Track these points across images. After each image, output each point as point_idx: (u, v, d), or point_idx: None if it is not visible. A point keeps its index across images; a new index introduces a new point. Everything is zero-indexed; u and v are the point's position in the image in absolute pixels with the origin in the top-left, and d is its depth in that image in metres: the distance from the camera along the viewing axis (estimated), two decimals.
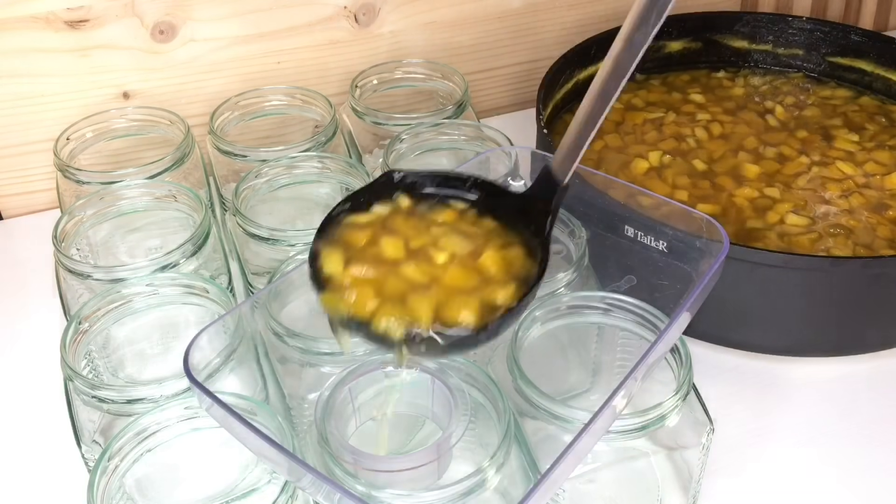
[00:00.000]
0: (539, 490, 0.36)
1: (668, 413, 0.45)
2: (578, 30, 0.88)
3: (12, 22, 0.70)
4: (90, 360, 0.52)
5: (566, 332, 0.53)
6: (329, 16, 0.79)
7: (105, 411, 0.47)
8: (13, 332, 0.66)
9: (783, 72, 0.84)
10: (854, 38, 0.81)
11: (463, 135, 0.66)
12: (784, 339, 0.61)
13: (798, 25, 0.82)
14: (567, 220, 0.55)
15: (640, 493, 0.51)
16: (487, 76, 0.88)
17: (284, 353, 0.49)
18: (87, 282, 0.54)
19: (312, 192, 0.65)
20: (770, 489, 0.54)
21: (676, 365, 0.47)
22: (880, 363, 0.62)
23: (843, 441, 0.57)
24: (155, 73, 0.76)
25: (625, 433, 0.44)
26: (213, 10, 0.75)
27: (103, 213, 0.60)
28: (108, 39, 0.73)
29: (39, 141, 0.75)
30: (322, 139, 0.65)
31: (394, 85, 0.75)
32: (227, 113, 0.69)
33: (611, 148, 0.74)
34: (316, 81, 0.80)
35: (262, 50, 0.78)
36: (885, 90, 0.80)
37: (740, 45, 0.83)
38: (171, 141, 0.68)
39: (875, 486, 0.54)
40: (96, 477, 0.42)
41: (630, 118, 0.77)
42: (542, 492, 0.37)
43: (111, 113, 0.69)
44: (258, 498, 0.44)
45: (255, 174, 0.61)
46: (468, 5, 0.83)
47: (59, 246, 0.56)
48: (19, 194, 0.78)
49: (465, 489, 0.40)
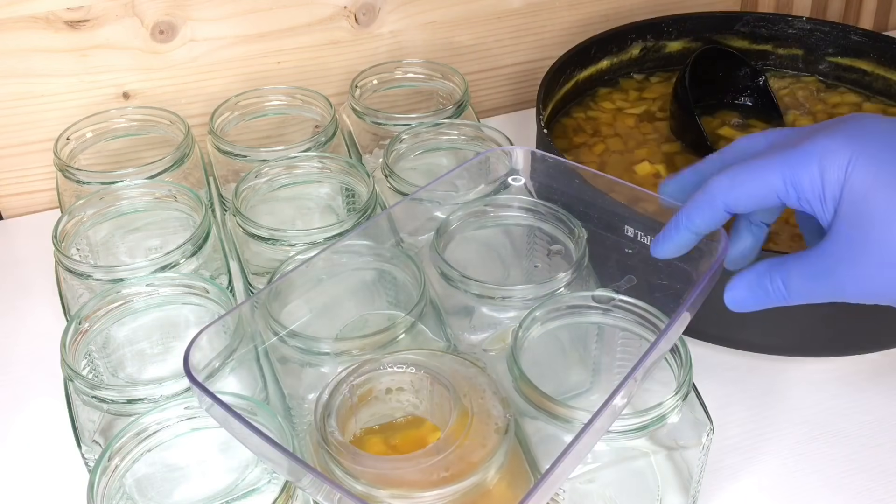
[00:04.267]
0: (539, 490, 0.36)
1: (669, 413, 0.45)
2: (578, 30, 0.88)
3: (12, 22, 0.70)
4: (90, 360, 0.52)
5: (566, 331, 0.53)
6: (329, 16, 0.79)
7: (105, 411, 0.47)
8: (13, 332, 0.66)
9: (779, 72, 0.84)
10: (854, 38, 0.80)
11: (463, 135, 0.66)
12: (784, 339, 0.61)
13: (798, 25, 0.82)
14: (567, 220, 0.55)
15: (641, 493, 0.51)
16: (487, 76, 0.88)
17: (284, 353, 0.49)
18: (87, 282, 0.54)
19: (312, 192, 0.65)
20: (770, 489, 0.54)
21: (677, 365, 0.47)
22: (881, 363, 0.62)
23: (844, 441, 0.57)
24: (155, 73, 0.76)
25: (625, 433, 0.44)
26: (213, 10, 0.75)
27: (103, 213, 0.60)
28: (108, 39, 0.73)
29: (39, 141, 0.75)
30: (322, 139, 0.65)
31: (394, 85, 0.75)
32: (227, 113, 0.69)
33: (612, 151, 0.74)
34: (316, 81, 0.80)
35: (262, 50, 0.78)
36: (885, 90, 0.80)
37: (740, 45, 0.83)
38: (171, 141, 0.68)
39: (875, 486, 0.54)
40: (96, 477, 0.42)
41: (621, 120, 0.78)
42: (542, 491, 0.37)
43: (111, 113, 0.69)
44: (258, 498, 0.44)
45: (255, 174, 0.61)
46: (468, 5, 0.83)
47: (59, 246, 0.56)
48: (19, 194, 0.78)
49: (466, 489, 0.40)
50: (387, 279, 0.57)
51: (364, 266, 0.55)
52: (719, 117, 0.78)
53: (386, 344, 0.48)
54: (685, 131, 0.75)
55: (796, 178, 0.41)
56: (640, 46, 0.82)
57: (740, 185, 0.43)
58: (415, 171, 0.65)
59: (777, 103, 0.78)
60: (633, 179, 0.70)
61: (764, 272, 0.45)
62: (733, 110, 0.79)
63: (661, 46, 0.83)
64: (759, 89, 0.80)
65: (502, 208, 0.57)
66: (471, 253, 0.57)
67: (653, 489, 0.51)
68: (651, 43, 0.82)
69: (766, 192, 0.43)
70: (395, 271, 0.55)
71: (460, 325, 0.52)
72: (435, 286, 0.53)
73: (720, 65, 0.80)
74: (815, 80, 0.83)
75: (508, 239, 0.59)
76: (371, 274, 0.57)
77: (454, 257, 0.54)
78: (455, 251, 0.55)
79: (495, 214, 0.57)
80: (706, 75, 0.78)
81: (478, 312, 0.52)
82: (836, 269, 0.42)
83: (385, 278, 0.57)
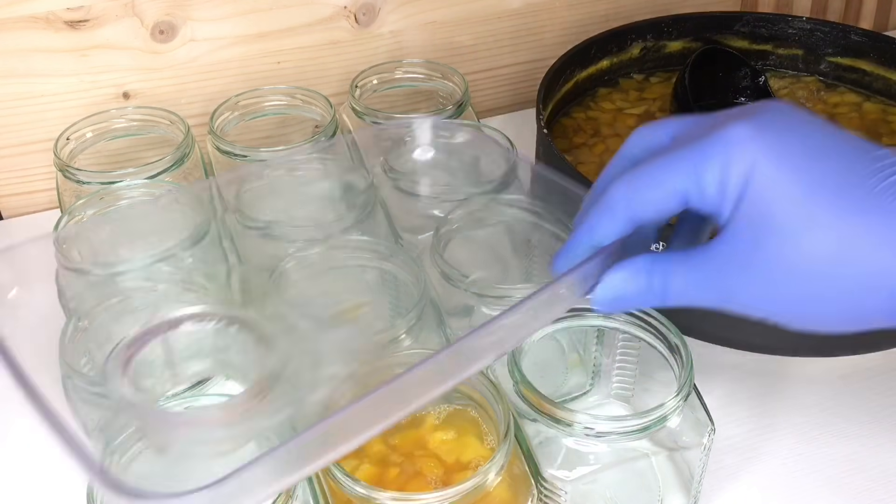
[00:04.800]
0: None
1: (670, 414, 0.45)
2: (578, 30, 0.88)
3: (12, 22, 0.70)
4: (90, 357, 0.52)
5: (566, 334, 0.53)
6: (329, 16, 0.79)
7: (104, 408, 0.47)
8: (13, 331, 0.66)
9: (779, 72, 0.84)
10: (854, 38, 0.80)
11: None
12: (784, 340, 0.61)
13: (798, 25, 0.82)
14: (567, 221, 0.56)
15: (642, 494, 0.51)
16: (487, 76, 0.88)
17: None
18: (87, 281, 0.54)
19: (312, 192, 0.65)
20: (771, 489, 0.54)
21: (678, 366, 0.47)
22: (881, 363, 0.62)
23: (844, 441, 0.57)
24: (155, 73, 0.76)
25: (626, 434, 0.44)
26: (213, 10, 0.75)
27: (103, 213, 0.60)
28: (108, 39, 0.73)
29: (39, 141, 0.75)
30: (322, 139, 0.65)
31: (394, 85, 0.75)
32: (227, 113, 0.69)
33: (612, 151, 0.74)
34: (316, 81, 0.80)
35: (262, 50, 0.78)
36: (885, 90, 0.80)
37: (740, 45, 0.83)
38: (171, 141, 0.68)
39: (875, 486, 0.54)
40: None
41: (621, 120, 0.78)
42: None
43: (111, 113, 0.69)
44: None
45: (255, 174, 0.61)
46: (468, 5, 0.83)
47: (59, 246, 0.56)
48: (19, 194, 0.78)
49: (466, 490, 0.40)
50: (387, 278, 0.57)
51: (364, 264, 0.55)
52: None
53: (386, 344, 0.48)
54: None
55: (700, 179, 0.36)
56: (640, 46, 0.82)
57: (640, 190, 0.38)
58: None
59: None
60: None
61: (643, 268, 0.39)
62: None
63: (661, 46, 0.83)
64: (759, 89, 0.80)
65: (503, 207, 0.57)
66: (471, 252, 0.57)
67: (654, 490, 0.51)
68: (651, 43, 0.82)
69: (669, 197, 0.37)
70: (396, 270, 0.55)
71: (460, 324, 0.52)
72: (435, 286, 0.53)
73: (720, 65, 0.80)
74: (815, 80, 0.83)
75: (509, 238, 0.59)
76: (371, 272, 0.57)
77: (454, 257, 0.54)
78: (455, 251, 0.55)
79: (496, 214, 0.57)
80: (706, 75, 0.78)
81: (478, 312, 0.52)
82: (727, 271, 0.37)
83: (385, 277, 0.57)
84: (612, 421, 0.44)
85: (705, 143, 0.37)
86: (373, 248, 0.55)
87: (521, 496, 0.44)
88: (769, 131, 0.36)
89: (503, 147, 0.62)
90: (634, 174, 0.39)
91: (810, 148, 0.36)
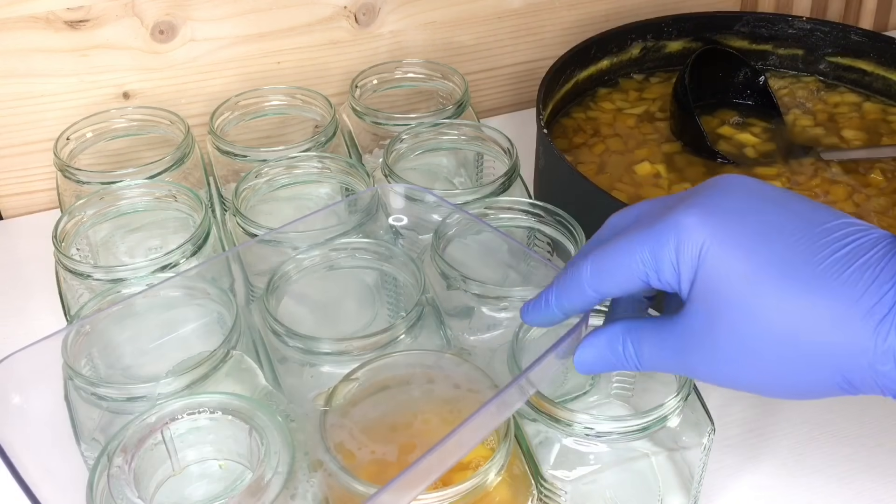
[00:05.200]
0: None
1: (670, 414, 0.45)
2: (578, 30, 0.88)
3: (12, 22, 0.70)
4: (90, 359, 0.52)
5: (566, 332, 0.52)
6: (329, 16, 0.79)
7: (104, 409, 0.47)
8: (13, 332, 0.66)
9: (779, 72, 0.84)
10: (854, 38, 0.80)
11: (463, 135, 0.66)
12: None
13: (798, 25, 0.82)
14: (566, 221, 0.56)
15: (642, 494, 0.51)
16: (487, 76, 0.88)
17: (285, 354, 0.49)
18: (87, 282, 0.54)
19: (312, 192, 0.65)
20: (771, 489, 0.54)
21: None
22: None
23: (844, 441, 0.57)
24: (155, 73, 0.76)
25: (626, 434, 0.44)
26: (213, 10, 0.75)
27: (103, 213, 0.60)
28: (108, 39, 0.73)
29: (39, 141, 0.75)
30: (322, 139, 0.65)
31: (394, 85, 0.75)
32: (227, 113, 0.69)
33: (612, 151, 0.74)
34: (316, 81, 0.80)
35: (262, 50, 0.78)
36: (885, 90, 0.80)
37: (740, 45, 0.83)
38: (171, 141, 0.68)
39: (875, 486, 0.54)
40: (95, 475, 0.42)
41: (621, 120, 0.78)
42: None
43: (111, 113, 0.69)
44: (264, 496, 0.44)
45: (255, 174, 0.61)
46: (468, 5, 0.83)
47: (59, 246, 0.56)
48: (19, 194, 0.78)
49: (466, 490, 0.40)
50: (387, 280, 0.57)
51: (364, 266, 0.55)
52: (719, 117, 0.78)
53: (386, 344, 0.48)
54: (685, 131, 0.75)
55: (655, 261, 0.38)
56: (640, 46, 0.82)
57: (604, 270, 0.40)
58: (415, 171, 0.65)
59: (777, 103, 0.78)
60: (633, 179, 0.70)
61: (616, 335, 0.41)
62: (733, 110, 0.79)
63: (661, 46, 0.83)
64: (759, 89, 0.80)
65: (502, 210, 0.57)
66: (470, 254, 0.57)
67: (654, 490, 0.51)
68: (651, 43, 0.82)
69: (630, 277, 0.39)
70: (396, 272, 0.55)
71: (460, 325, 0.52)
72: (435, 286, 0.53)
73: (720, 65, 0.80)
74: (815, 79, 0.83)
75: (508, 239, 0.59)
76: (371, 274, 0.57)
77: (454, 258, 0.54)
78: (455, 252, 0.55)
79: (495, 216, 0.57)
80: (706, 75, 0.78)
81: (477, 313, 0.52)
82: (687, 347, 0.38)
83: (385, 279, 0.57)
84: (612, 421, 0.44)
85: (658, 227, 0.38)
86: (373, 249, 0.55)
87: (521, 496, 0.44)
88: (716, 214, 0.37)
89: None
90: (598, 253, 0.40)
91: (759, 226, 0.37)
